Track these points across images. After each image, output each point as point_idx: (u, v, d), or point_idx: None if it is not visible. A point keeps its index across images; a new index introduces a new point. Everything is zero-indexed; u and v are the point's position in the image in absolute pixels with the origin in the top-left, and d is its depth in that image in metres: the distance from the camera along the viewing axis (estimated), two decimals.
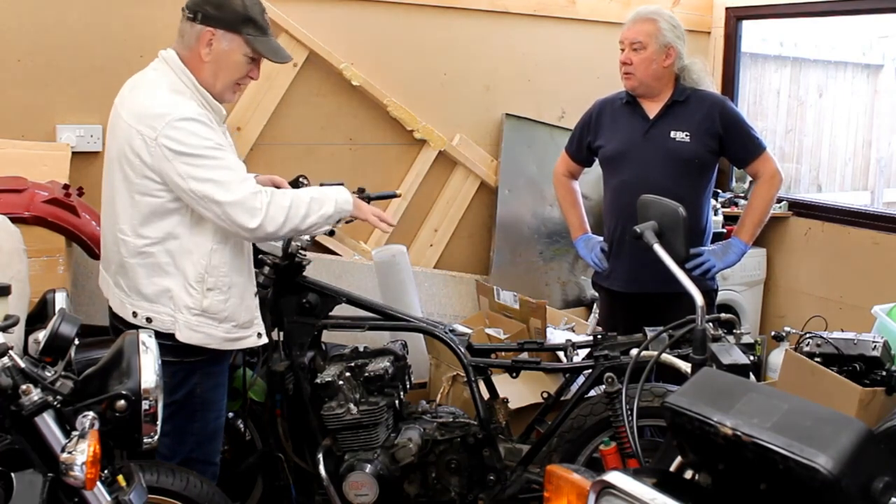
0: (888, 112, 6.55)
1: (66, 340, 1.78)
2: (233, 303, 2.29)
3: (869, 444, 1.10)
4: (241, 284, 2.31)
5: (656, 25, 2.96)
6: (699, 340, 1.99)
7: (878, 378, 2.70)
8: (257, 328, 2.38)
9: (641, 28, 2.97)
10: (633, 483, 1.25)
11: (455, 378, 3.25)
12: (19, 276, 2.18)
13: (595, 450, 2.61)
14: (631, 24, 3.01)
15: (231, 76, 2.24)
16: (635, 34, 2.97)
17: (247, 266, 2.37)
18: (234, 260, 2.28)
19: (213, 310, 2.25)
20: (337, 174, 3.02)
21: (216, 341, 2.27)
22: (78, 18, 3.28)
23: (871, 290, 3.80)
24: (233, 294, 2.28)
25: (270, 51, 2.26)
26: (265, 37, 2.24)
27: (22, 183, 2.73)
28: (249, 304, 2.36)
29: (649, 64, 2.96)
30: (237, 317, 2.30)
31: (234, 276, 2.29)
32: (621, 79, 3.05)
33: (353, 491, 2.62)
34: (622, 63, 3.00)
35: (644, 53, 2.95)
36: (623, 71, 3.01)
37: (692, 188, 2.97)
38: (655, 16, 2.99)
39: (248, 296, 2.35)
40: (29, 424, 1.69)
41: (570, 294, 4.43)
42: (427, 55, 4.00)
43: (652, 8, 3.04)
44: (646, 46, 2.95)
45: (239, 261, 2.31)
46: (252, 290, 2.38)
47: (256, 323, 2.38)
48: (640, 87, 3.00)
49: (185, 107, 2.15)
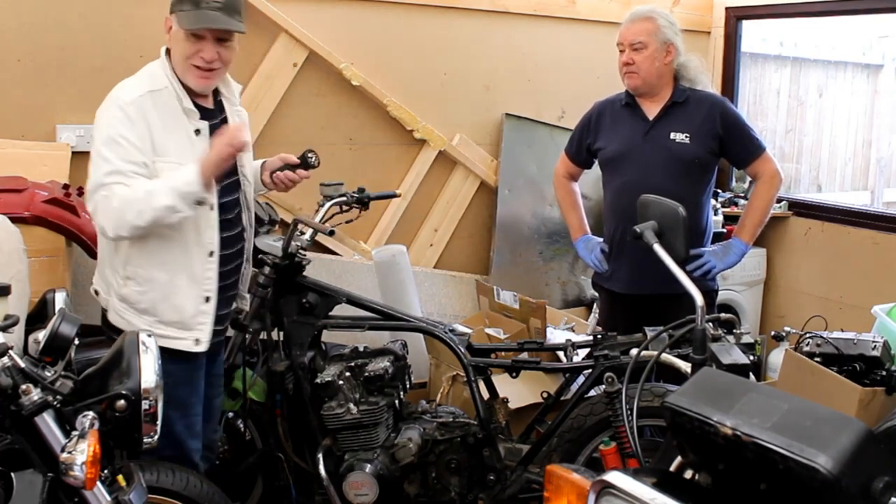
0: (888, 112, 6.55)
1: (66, 340, 1.79)
2: (152, 297, 2.26)
3: (869, 444, 1.10)
4: (164, 282, 2.26)
5: (655, 23, 2.97)
6: (699, 340, 1.99)
7: (878, 378, 2.70)
8: (197, 334, 2.30)
9: (641, 27, 2.97)
10: (633, 483, 1.25)
11: (455, 378, 3.24)
12: (19, 276, 2.18)
13: (595, 450, 2.61)
14: (629, 25, 3.01)
15: (179, 57, 2.23)
16: (635, 34, 2.97)
17: (181, 266, 2.27)
18: (157, 256, 2.24)
19: (131, 299, 2.27)
20: (337, 174, 3.02)
21: None
22: (78, 18, 3.28)
23: (871, 290, 3.80)
24: (153, 289, 2.26)
25: (191, 20, 2.17)
26: (197, 10, 2.18)
27: (22, 183, 2.73)
28: (179, 305, 2.28)
29: (652, 62, 2.96)
30: (159, 313, 2.27)
31: (156, 272, 2.25)
32: (623, 79, 3.04)
33: (353, 491, 2.62)
34: (624, 64, 2.99)
35: (646, 52, 2.95)
36: (626, 71, 3.00)
37: (693, 189, 2.97)
38: (653, 14, 3.00)
39: (180, 297, 2.28)
40: (29, 424, 1.69)
41: (570, 294, 4.43)
42: (427, 55, 4.00)
43: (646, 7, 3.05)
44: (647, 45, 2.95)
45: (165, 258, 2.25)
46: (191, 294, 2.29)
47: (197, 328, 2.30)
48: (644, 85, 3.00)
49: (124, 90, 2.19)
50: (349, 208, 2.95)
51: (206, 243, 2.29)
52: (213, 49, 2.21)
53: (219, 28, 2.20)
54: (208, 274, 2.30)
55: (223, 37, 2.23)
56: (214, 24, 2.18)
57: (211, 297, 2.32)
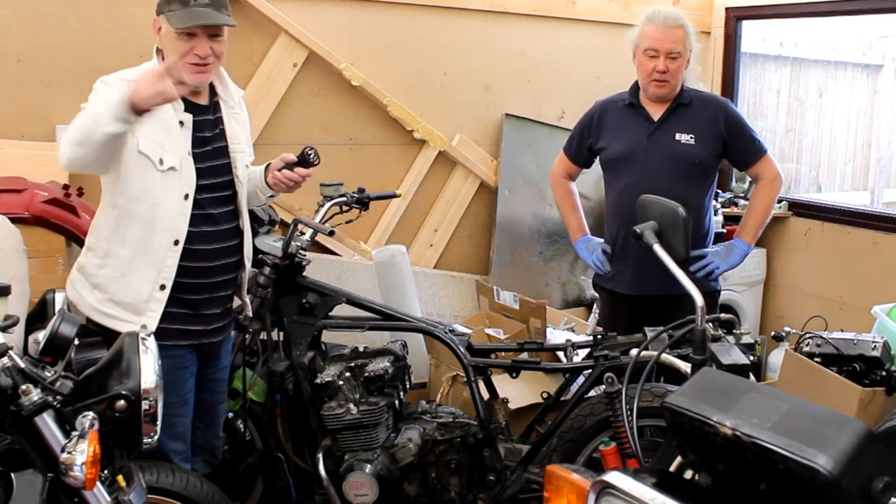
0: (888, 112, 6.56)
1: (65, 340, 1.79)
2: (107, 273, 2.25)
3: (869, 444, 1.10)
4: (123, 259, 2.24)
5: (686, 31, 2.92)
6: (699, 340, 1.99)
7: (878, 378, 2.70)
8: (146, 320, 2.25)
9: (678, 35, 2.90)
10: (633, 483, 1.25)
11: (455, 378, 3.24)
12: (19, 277, 2.19)
13: (595, 450, 2.61)
14: (666, 31, 2.90)
15: (173, 56, 2.24)
16: (673, 43, 2.89)
17: (144, 248, 2.24)
18: (119, 231, 2.24)
19: (87, 270, 2.27)
20: (337, 174, 3.02)
21: (86, 306, 2.26)
22: (78, 18, 3.28)
23: (871, 290, 3.80)
24: (110, 264, 2.25)
25: (182, 19, 2.18)
26: (186, 8, 2.20)
27: (22, 183, 2.73)
28: (135, 286, 2.25)
29: (681, 71, 2.94)
30: (112, 291, 2.25)
31: (116, 247, 2.25)
32: (647, 86, 2.96)
33: (353, 491, 2.62)
34: (658, 72, 2.90)
35: (679, 61, 2.91)
36: (658, 79, 2.92)
37: (695, 191, 2.97)
38: (684, 21, 2.94)
39: (137, 277, 2.25)
40: (29, 424, 1.69)
41: (570, 294, 4.43)
42: (427, 55, 4.00)
43: (676, 11, 3.01)
44: (682, 54, 2.91)
45: (130, 234, 2.24)
46: (148, 277, 2.25)
47: (148, 314, 2.26)
48: (670, 93, 2.96)
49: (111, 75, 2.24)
50: (349, 208, 2.96)
51: (174, 230, 2.26)
52: (205, 45, 2.23)
53: (210, 24, 2.21)
54: (169, 262, 2.27)
55: (214, 32, 2.25)
56: (206, 20, 2.20)
57: (167, 286, 2.28)
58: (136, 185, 2.22)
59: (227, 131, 2.40)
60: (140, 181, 2.21)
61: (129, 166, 2.21)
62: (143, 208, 2.23)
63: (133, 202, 2.23)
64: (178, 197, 2.25)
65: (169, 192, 2.23)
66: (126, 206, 2.23)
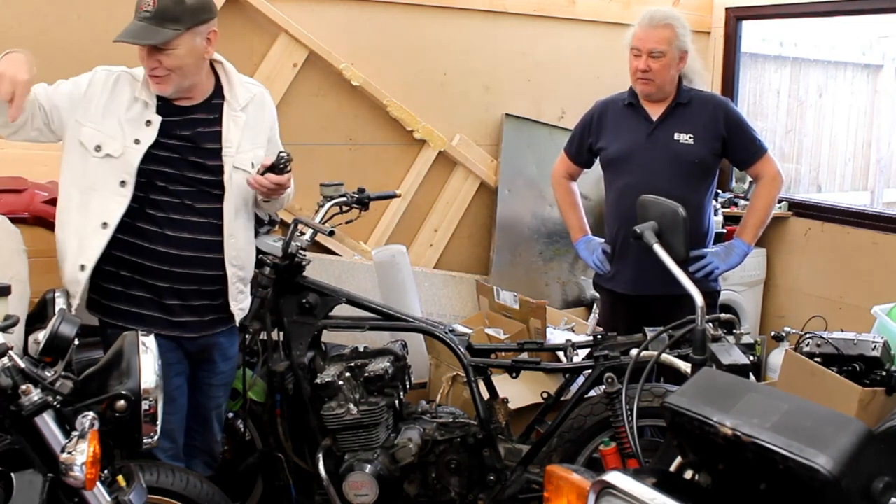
0: (888, 112, 6.56)
1: (65, 340, 1.79)
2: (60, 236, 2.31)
3: (869, 444, 1.10)
4: (61, 240, 2.31)
5: (674, 31, 2.91)
6: (699, 341, 1.99)
7: (878, 378, 2.70)
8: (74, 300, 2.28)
9: (661, 35, 2.90)
10: (633, 483, 1.25)
11: (455, 378, 3.24)
12: (19, 277, 2.19)
13: (595, 450, 2.62)
14: (649, 30, 2.92)
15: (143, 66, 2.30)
16: (655, 43, 2.89)
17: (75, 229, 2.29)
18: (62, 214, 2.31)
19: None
20: (337, 174, 3.02)
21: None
22: (78, 18, 3.28)
23: (871, 290, 3.80)
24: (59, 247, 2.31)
25: (120, 33, 2.24)
26: (133, 20, 2.24)
27: (22, 183, 2.73)
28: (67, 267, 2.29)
29: (667, 70, 2.93)
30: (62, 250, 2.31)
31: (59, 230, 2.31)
32: (635, 84, 2.99)
33: (353, 491, 2.62)
34: (640, 70, 2.93)
35: (664, 60, 2.90)
36: (641, 77, 2.94)
37: (695, 191, 2.97)
38: (672, 21, 2.93)
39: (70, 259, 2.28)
40: (29, 424, 1.70)
41: (570, 294, 4.43)
42: (427, 55, 4.00)
43: (665, 11, 3.00)
44: (665, 54, 2.90)
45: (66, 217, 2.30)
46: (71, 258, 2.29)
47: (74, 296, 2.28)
48: (657, 92, 2.97)
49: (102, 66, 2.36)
50: (349, 208, 2.95)
51: (104, 212, 2.28)
52: (151, 58, 2.25)
53: (134, 43, 2.23)
54: (94, 243, 2.27)
55: (158, 46, 2.22)
56: (132, 38, 2.22)
57: (87, 267, 2.28)
58: (74, 169, 2.30)
59: (224, 134, 2.38)
60: (78, 165, 2.29)
61: (70, 153, 2.30)
62: (78, 191, 2.29)
63: (69, 185, 2.31)
64: (114, 183, 2.28)
65: (105, 178, 2.28)
66: (65, 188, 2.32)
